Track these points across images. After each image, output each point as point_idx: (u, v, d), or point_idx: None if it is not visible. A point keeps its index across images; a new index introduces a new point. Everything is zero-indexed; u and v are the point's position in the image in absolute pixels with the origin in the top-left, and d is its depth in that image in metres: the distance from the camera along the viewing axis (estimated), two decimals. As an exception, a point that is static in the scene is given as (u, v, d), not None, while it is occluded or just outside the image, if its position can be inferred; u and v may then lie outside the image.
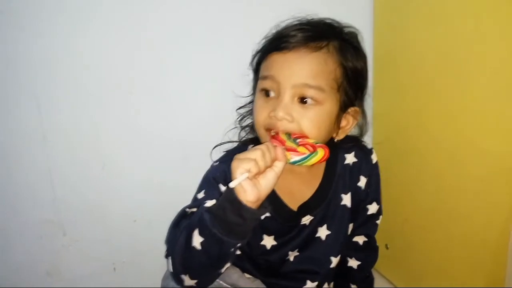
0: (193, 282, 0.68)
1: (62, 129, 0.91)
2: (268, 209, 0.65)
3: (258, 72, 0.80)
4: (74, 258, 0.99)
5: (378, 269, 1.11)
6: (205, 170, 0.84)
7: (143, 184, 0.99)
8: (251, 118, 0.87)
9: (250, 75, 0.88)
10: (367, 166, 0.86)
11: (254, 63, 0.83)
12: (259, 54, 0.81)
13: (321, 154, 0.67)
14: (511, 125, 0.71)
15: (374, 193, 0.88)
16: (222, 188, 0.76)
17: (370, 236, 0.91)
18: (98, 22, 0.88)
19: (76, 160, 0.94)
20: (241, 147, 0.85)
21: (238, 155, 0.64)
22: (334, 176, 0.83)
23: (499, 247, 0.75)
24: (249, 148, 0.82)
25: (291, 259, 0.83)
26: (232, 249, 0.66)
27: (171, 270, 0.70)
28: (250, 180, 0.61)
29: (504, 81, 0.72)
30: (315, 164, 0.67)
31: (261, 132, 0.76)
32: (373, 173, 0.87)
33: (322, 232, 0.83)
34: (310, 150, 0.67)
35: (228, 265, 0.70)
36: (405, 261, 1.05)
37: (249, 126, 0.89)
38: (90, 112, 0.92)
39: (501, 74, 0.72)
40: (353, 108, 0.78)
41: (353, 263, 0.90)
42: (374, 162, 0.87)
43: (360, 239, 0.90)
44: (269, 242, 0.81)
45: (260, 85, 0.76)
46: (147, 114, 0.96)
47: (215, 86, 0.97)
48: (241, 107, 0.90)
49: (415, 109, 0.94)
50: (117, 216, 1.00)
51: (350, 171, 0.84)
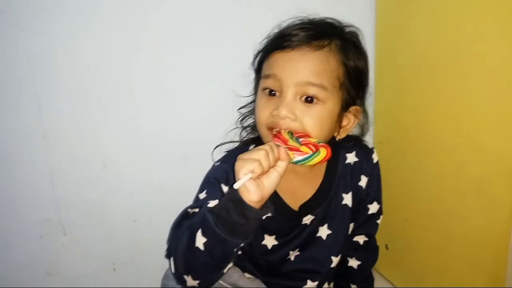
0: (195, 282, 0.68)
1: (63, 129, 0.91)
2: (270, 208, 0.65)
3: (259, 71, 0.80)
4: (74, 258, 0.99)
5: (378, 269, 1.11)
6: (205, 170, 0.84)
7: (144, 184, 0.99)
8: (253, 117, 0.87)
9: (251, 75, 0.88)
10: (368, 165, 0.86)
11: (256, 63, 0.83)
12: (261, 54, 0.81)
13: (323, 153, 0.67)
14: (511, 124, 0.71)
15: (374, 192, 0.88)
16: (224, 188, 0.76)
17: (371, 236, 0.92)
18: (98, 22, 0.88)
19: (76, 160, 0.94)
20: (242, 147, 0.85)
21: (242, 155, 0.63)
22: (335, 175, 0.83)
23: (500, 247, 0.75)
24: (251, 148, 0.83)
25: (292, 259, 0.83)
26: (235, 249, 0.66)
27: (173, 270, 0.70)
28: (253, 180, 0.61)
29: (504, 80, 0.72)
30: (318, 163, 0.68)
31: (263, 131, 0.76)
32: (374, 172, 0.87)
33: (323, 231, 0.83)
34: (313, 149, 0.67)
35: (230, 265, 0.70)
36: (405, 261, 1.05)
37: (250, 126, 0.89)
38: (90, 112, 0.92)
39: (501, 73, 0.72)
40: (354, 107, 0.79)
41: (353, 263, 0.90)
42: (375, 161, 0.88)
43: (360, 239, 0.91)
44: (270, 242, 0.81)
45: (262, 84, 0.76)
46: (148, 114, 0.95)
47: (216, 86, 0.97)
48: (242, 107, 0.90)
49: (416, 108, 0.94)
50: (117, 216, 0.99)
51: (351, 171, 0.85)
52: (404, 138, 1.00)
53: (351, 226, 0.87)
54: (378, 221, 0.91)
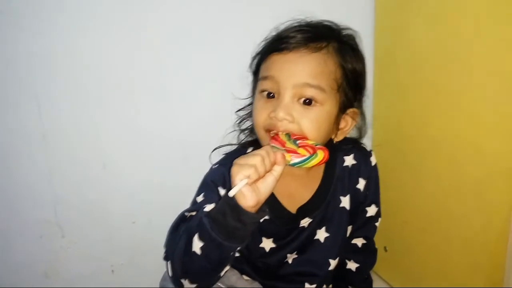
0: (193, 286, 0.69)
1: (62, 129, 0.91)
2: (266, 212, 0.65)
3: (257, 74, 0.80)
4: (72, 259, 0.99)
5: (377, 271, 1.11)
6: (205, 171, 0.84)
7: (143, 184, 0.99)
8: (251, 120, 0.87)
9: (249, 77, 0.88)
10: (366, 168, 0.86)
11: (254, 65, 0.83)
12: (259, 56, 0.81)
13: (321, 156, 0.66)
14: (511, 126, 0.72)
15: (373, 195, 0.87)
16: (221, 191, 0.76)
17: (369, 238, 0.91)
18: (98, 22, 0.88)
19: (75, 160, 0.94)
20: (240, 150, 0.85)
21: (238, 160, 0.63)
22: (333, 178, 0.82)
23: (498, 248, 0.75)
24: (249, 150, 0.82)
25: (290, 262, 0.83)
26: (231, 252, 0.66)
27: (170, 274, 0.70)
28: (249, 185, 0.61)
29: (503, 82, 0.72)
30: (315, 166, 0.67)
31: (260, 133, 0.75)
32: (372, 175, 0.87)
33: (321, 234, 0.83)
34: (310, 152, 0.66)
35: (227, 268, 0.70)
36: (404, 263, 1.05)
37: (248, 128, 0.88)
38: (90, 112, 0.92)
39: (500, 75, 0.72)
40: (352, 109, 0.78)
41: (351, 265, 0.90)
42: (373, 164, 0.87)
43: (359, 242, 0.90)
44: (268, 244, 0.81)
45: (260, 86, 0.76)
46: (147, 114, 0.95)
47: (216, 86, 0.97)
48: (240, 109, 0.90)
49: (415, 110, 0.94)
50: (116, 217, 1.00)
51: (349, 173, 0.84)
52: (403, 140, 0.99)
53: (349, 228, 0.86)
54: (377, 223, 0.90)
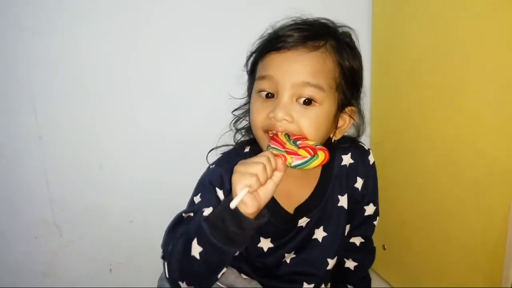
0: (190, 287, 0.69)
1: (59, 129, 0.91)
2: (266, 217, 0.66)
3: (253, 73, 0.79)
4: (70, 258, 0.99)
5: (375, 269, 1.11)
6: (203, 170, 0.84)
7: (141, 184, 0.98)
8: (247, 119, 0.87)
9: (244, 77, 0.87)
10: (364, 167, 0.85)
11: (250, 64, 0.83)
12: (255, 55, 0.80)
13: (322, 157, 0.66)
14: (509, 126, 0.71)
15: (371, 194, 0.87)
16: (218, 191, 0.76)
17: (367, 237, 0.91)
18: (95, 23, 0.87)
19: (72, 160, 0.93)
20: (238, 150, 0.85)
21: (239, 168, 0.63)
22: (331, 177, 0.82)
23: (497, 248, 0.76)
24: (245, 150, 0.82)
25: (288, 261, 0.83)
26: (230, 256, 0.66)
27: (167, 275, 0.71)
28: (250, 193, 0.61)
29: (501, 82, 0.72)
30: (316, 167, 0.67)
31: (259, 134, 0.75)
32: (370, 174, 0.86)
33: (319, 234, 0.82)
34: (311, 153, 0.65)
35: (224, 270, 0.70)
36: (402, 261, 1.05)
37: (244, 128, 0.88)
38: (87, 112, 0.92)
39: (498, 75, 0.72)
40: (349, 107, 0.78)
41: (350, 264, 0.90)
42: (371, 163, 0.87)
43: (357, 240, 0.90)
44: (266, 244, 0.81)
45: (257, 85, 0.75)
46: (145, 114, 0.95)
47: (214, 86, 0.96)
48: (236, 109, 0.89)
49: (413, 109, 0.94)
50: (114, 216, 0.99)
51: (346, 172, 0.84)
52: (401, 139, 0.99)
53: (347, 227, 0.86)
54: (375, 222, 0.90)
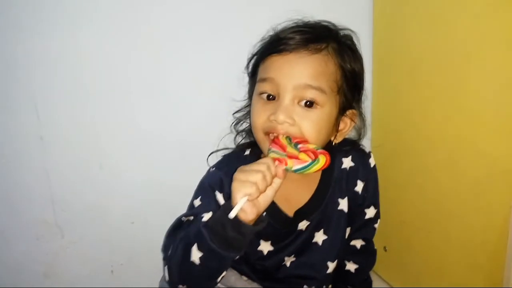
0: None
1: (60, 129, 0.91)
2: (265, 221, 0.66)
3: (254, 75, 0.79)
4: (72, 259, 0.99)
5: (376, 271, 1.11)
6: (203, 171, 0.84)
7: (141, 184, 0.98)
8: (247, 122, 0.87)
9: (245, 79, 0.87)
10: (365, 170, 0.85)
11: (251, 66, 0.82)
12: (256, 57, 0.80)
13: (322, 161, 0.65)
14: (509, 127, 0.71)
15: (371, 197, 0.87)
16: (218, 195, 0.76)
17: (368, 240, 0.90)
18: (96, 23, 0.87)
19: (73, 160, 0.94)
20: (238, 153, 0.85)
21: (239, 175, 0.63)
22: (331, 180, 0.82)
23: (498, 248, 0.75)
24: (246, 152, 0.82)
25: (288, 265, 0.83)
26: (230, 261, 0.67)
27: (168, 279, 0.71)
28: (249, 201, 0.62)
29: (502, 83, 0.72)
30: (317, 171, 0.66)
31: (259, 136, 0.74)
32: (370, 177, 0.86)
33: (319, 237, 0.82)
34: (312, 157, 0.65)
35: (224, 273, 0.70)
36: (403, 262, 1.05)
37: (245, 130, 0.88)
38: (88, 112, 0.92)
39: (499, 76, 0.72)
40: (351, 110, 0.78)
41: (351, 267, 0.89)
42: (372, 166, 0.86)
43: (357, 243, 0.90)
44: (266, 247, 0.80)
45: (258, 88, 0.75)
46: (146, 114, 0.95)
47: (214, 86, 0.96)
48: (237, 111, 0.89)
49: (414, 111, 0.93)
50: (115, 217, 0.99)
51: (347, 176, 0.84)
52: (401, 140, 0.99)
53: (348, 230, 0.86)
54: (376, 225, 0.90)
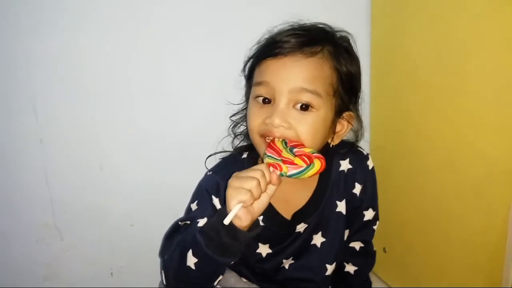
0: None
1: (59, 131, 0.91)
2: (260, 227, 0.67)
3: (250, 78, 0.79)
4: (71, 261, 0.99)
5: (376, 272, 1.11)
6: (203, 171, 0.85)
7: (142, 185, 0.98)
8: (245, 125, 0.87)
9: (242, 82, 0.87)
10: (362, 172, 0.85)
11: (247, 70, 0.82)
12: (252, 61, 0.80)
13: (317, 166, 0.66)
14: (509, 127, 0.71)
15: (370, 199, 0.87)
16: (215, 199, 0.77)
17: (367, 241, 0.90)
18: (95, 24, 0.87)
19: (73, 161, 0.93)
20: (235, 156, 0.85)
21: (233, 182, 0.63)
22: (328, 183, 0.82)
23: (497, 248, 0.75)
24: (244, 156, 0.83)
25: (286, 267, 0.83)
26: (226, 266, 0.69)
27: (164, 282, 0.73)
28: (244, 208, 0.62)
29: (501, 84, 0.72)
30: (312, 176, 0.67)
31: (256, 139, 0.74)
32: (368, 179, 0.86)
33: (317, 239, 0.82)
34: (307, 162, 0.65)
35: (221, 277, 0.71)
36: (403, 263, 1.05)
37: (242, 133, 0.88)
38: (88, 112, 0.91)
39: (498, 77, 0.72)
40: (347, 112, 0.78)
41: (350, 268, 0.89)
42: (370, 168, 0.86)
43: (356, 245, 0.90)
44: (264, 250, 0.81)
45: (254, 91, 0.75)
46: (146, 114, 0.95)
47: (215, 86, 0.96)
48: (234, 115, 0.89)
49: (413, 112, 0.93)
50: (115, 219, 0.99)
51: (344, 178, 0.83)
52: (401, 142, 0.99)
53: (346, 232, 0.86)
54: (374, 227, 0.90)
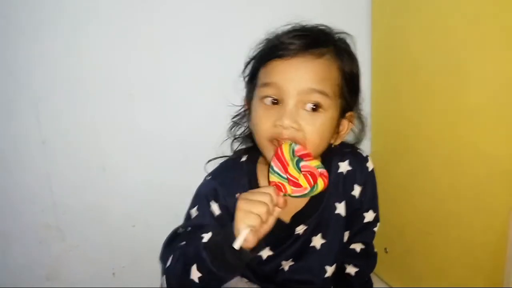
0: None
1: (62, 132, 0.91)
2: (264, 246, 0.68)
3: (253, 80, 0.79)
4: (73, 262, 0.99)
5: (377, 272, 1.11)
6: (204, 171, 0.85)
7: (143, 186, 0.98)
8: (244, 126, 0.87)
9: (241, 83, 0.87)
10: (362, 174, 0.85)
11: (249, 71, 0.82)
12: (255, 62, 0.79)
13: (321, 186, 0.68)
14: (509, 127, 0.71)
15: (370, 201, 0.87)
16: (213, 205, 0.77)
17: (368, 243, 0.90)
18: (96, 25, 0.87)
19: (75, 163, 0.94)
20: (234, 160, 0.85)
21: (243, 205, 0.64)
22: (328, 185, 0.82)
23: (498, 249, 0.75)
24: (243, 159, 0.83)
25: (286, 269, 0.83)
26: (228, 280, 0.70)
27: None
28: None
29: (501, 84, 0.72)
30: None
31: (263, 143, 0.74)
32: (368, 181, 0.86)
33: (317, 241, 0.82)
34: (311, 183, 0.67)
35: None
36: (404, 264, 1.04)
37: (241, 136, 0.88)
38: (89, 114, 0.92)
39: (499, 77, 0.72)
40: (349, 112, 0.78)
41: (351, 270, 0.89)
42: (370, 169, 0.86)
43: (357, 247, 0.89)
44: (265, 253, 0.81)
45: (260, 92, 0.74)
46: (147, 115, 0.95)
47: (215, 86, 0.96)
48: (235, 116, 0.89)
49: (414, 113, 0.93)
50: (116, 219, 0.99)
51: (343, 180, 0.83)
52: (402, 143, 0.99)
53: (346, 234, 0.86)
54: (375, 228, 0.89)
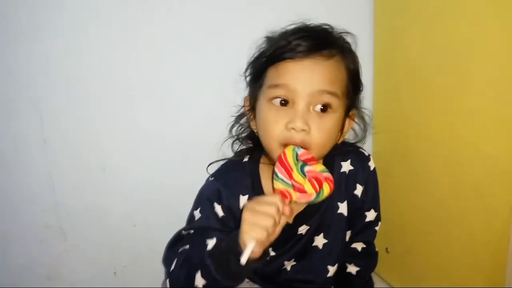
0: None
1: (62, 132, 0.91)
2: (269, 254, 0.67)
3: (258, 80, 0.78)
4: (75, 262, 0.99)
5: (378, 272, 1.11)
6: (204, 171, 0.85)
7: (144, 186, 0.98)
8: (244, 126, 0.87)
9: (242, 83, 0.87)
10: (364, 173, 0.85)
11: (254, 71, 0.81)
12: (263, 62, 0.77)
13: (326, 192, 0.67)
14: (510, 127, 0.71)
15: (371, 200, 0.86)
16: (217, 207, 0.77)
17: (369, 242, 0.90)
18: (96, 23, 0.87)
19: (76, 164, 0.94)
20: (236, 160, 0.85)
21: (249, 217, 0.63)
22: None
23: (499, 249, 0.75)
24: (245, 160, 0.82)
25: (288, 269, 0.83)
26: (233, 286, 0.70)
27: None
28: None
29: (502, 84, 0.72)
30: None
31: (274, 146, 0.72)
32: (370, 180, 0.86)
33: (319, 241, 0.82)
34: (316, 189, 0.66)
35: None
36: (405, 264, 1.05)
37: (242, 136, 0.88)
38: (90, 114, 0.92)
39: (500, 77, 0.72)
40: (352, 111, 0.79)
41: (352, 269, 0.89)
42: (372, 169, 0.86)
43: (358, 246, 0.89)
44: None
45: (269, 93, 0.73)
46: (146, 114, 0.95)
47: (215, 86, 0.96)
48: (237, 116, 0.89)
49: (415, 113, 0.93)
50: (118, 219, 0.99)
51: (346, 179, 0.83)
52: (403, 142, 0.99)
53: (348, 233, 0.86)
54: (376, 228, 0.89)
